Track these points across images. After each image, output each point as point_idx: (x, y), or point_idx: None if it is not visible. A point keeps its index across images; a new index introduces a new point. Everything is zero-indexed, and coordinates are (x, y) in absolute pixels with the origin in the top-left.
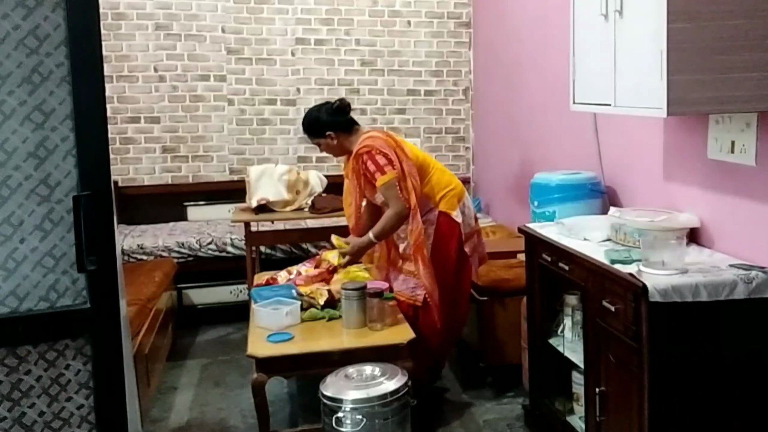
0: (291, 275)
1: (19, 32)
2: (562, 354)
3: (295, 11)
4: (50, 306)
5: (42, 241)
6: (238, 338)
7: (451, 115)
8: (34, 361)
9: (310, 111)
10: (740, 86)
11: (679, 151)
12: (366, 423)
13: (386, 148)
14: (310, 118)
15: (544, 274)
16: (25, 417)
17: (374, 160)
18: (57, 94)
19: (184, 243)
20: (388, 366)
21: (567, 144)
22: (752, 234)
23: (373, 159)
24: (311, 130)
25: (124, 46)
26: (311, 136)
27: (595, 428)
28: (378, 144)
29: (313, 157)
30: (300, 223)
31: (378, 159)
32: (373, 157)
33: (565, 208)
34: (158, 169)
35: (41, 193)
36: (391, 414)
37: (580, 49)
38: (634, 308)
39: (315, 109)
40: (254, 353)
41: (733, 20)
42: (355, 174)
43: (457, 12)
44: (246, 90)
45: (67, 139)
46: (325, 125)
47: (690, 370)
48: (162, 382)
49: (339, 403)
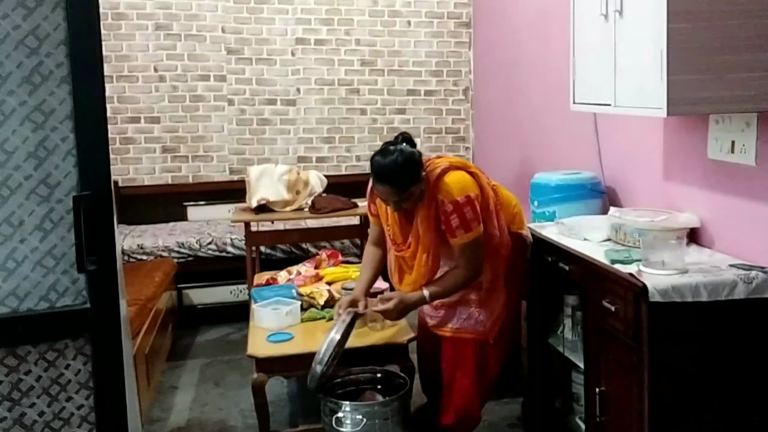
0: (291, 275)
1: (19, 32)
2: (562, 354)
3: (295, 11)
4: (50, 306)
5: (42, 241)
6: (238, 338)
7: (451, 115)
8: (34, 361)
9: (388, 151)
10: (740, 86)
11: (679, 151)
12: (366, 423)
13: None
14: (408, 159)
15: (544, 274)
16: (25, 417)
17: (461, 213)
18: (57, 94)
19: (184, 243)
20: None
21: (567, 144)
22: (752, 234)
23: (460, 211)
24: (408, 175)
25: (124, 46)
26: (407, 184)
27: (595, 428)
28: (470, 189)
29: (313, 157)
30: (300, 223)
31: (466, 212)
32: (461, 208)
33: (565, 208)
34: (158, 169)
35: (41, 193)
36: (391, 414)
37: (580, 49)
38: (634, 308)
39: (393, 149)
40: (254, 353)
41: (733, 20)
42: (429, 220)
43: (457, 12)
44: (246, 90)
45: (67, 139)
46: (420, 164)
47: (690, 370)
48: (162, 382)
49: (338, 404)
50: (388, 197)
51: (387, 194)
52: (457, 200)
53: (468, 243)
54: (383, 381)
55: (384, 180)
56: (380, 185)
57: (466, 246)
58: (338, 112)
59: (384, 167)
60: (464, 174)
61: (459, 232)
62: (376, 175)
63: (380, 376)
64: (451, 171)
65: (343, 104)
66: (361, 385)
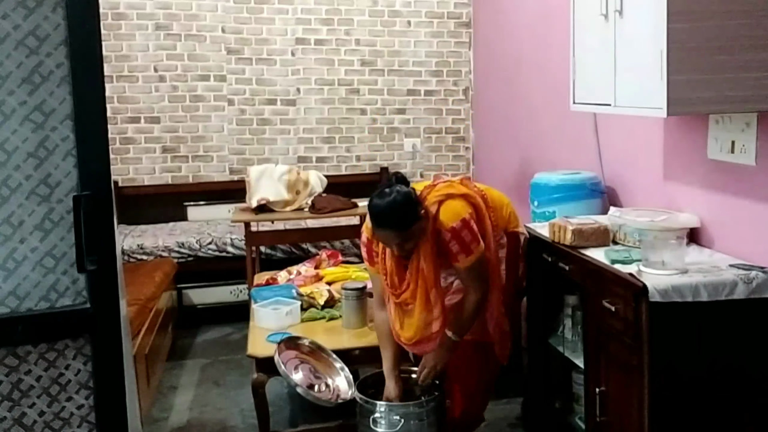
0: (291, 275)
1: (19, 32)
2: (562, 354)
3: (295, 11)
4: (50, 306)
5: (42, 241)
6: (238, 338)
7: (451, 115)
8: (34, 361)
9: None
10: (740, 86)
11: (679, 151)
12: (402, 423)
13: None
14: (405, 199)
15: (544, 274)
16: (26, 417)
17: (459, 238)
18: (57, 94)
19: (184, 243)
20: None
21: (567, 144)
22: (752, 234)
23: (458, 236)
24: (408, 215)
25: (124, 46)
26: (409, 224)
27: (595, 428)
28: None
29: (313, 157)
30: (300, 223)
31: (464, 235)
32: (458, 233)
33: (565, 208)
34: (158, 169)
35: (41, 193)
36: (426, 414)
37: (580, 49)
38: (634, 308)
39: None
40: (254, 353)
41: (733, 20)
42: (430, 251)
43: (457, 12)
44: (246, 90)
45: (67, 139)
46: (417, 202)
47: (690, 370)
48: (162, 382)
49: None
50: (391, 240)
51: (389, 238)
52: (454, 227)
53: (471, 266)
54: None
55: (385, 224)
56: (381, 230)
57: (470, 269)
58: (338, 112)
59: (384, 210)
60: (454, 200)
61: (461, 257)
62: (376, 220)
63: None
64: (444, 203)
65: (343, 104)
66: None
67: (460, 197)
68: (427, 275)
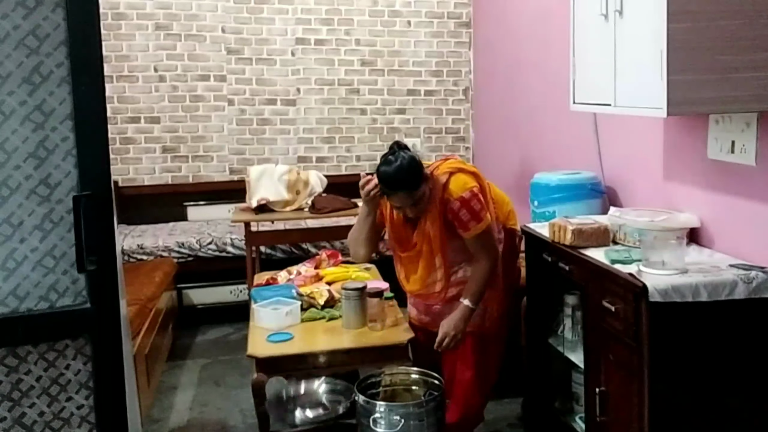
0: (291, 275)
1: (19, 32)
2: (562, 354)
3: (295, 11)
4: (50, 306)
5: (42, 241)
6: (238, 338)
7: (451, 115)
8: (34, 361)
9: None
10: (740, 86)
11: (679, 151)
12: (402, 423)
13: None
14: (411, 162)
15: (544, 274)
16: (25, 417)
17: (469, 207)
18: (57, 94)
19: (184, 243)
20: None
21: (567, 144)
22: (752, 234)
23: (468, 205)
24: (416, 175)
25: (124, 46)
26: (418, 183)
27: (595, 428)
28: (471, 184)
29: (313, 157)
30: (300, 223)
31: (473, 205)
32: (468, 203)
33: (565, 208)
34: (158, 169)
35: (41, 193)
36: (426, 415)
37: (580, 49)
38: (634, 308)
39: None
40: (254, 353)
41: (733, 20)
42: (437, 219)
43: (457, 12)
44: (246, 90)
45: (67, 139)
46: (421, 164)
47: (690, 370)
48: (162, 382)
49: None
50: (404, 203)
51: (402, 200)
52: (463, 196)
53: (481, 233)
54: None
55: (396, 186)
56: (393, 193)
57: (479, 236)
58: (338, 112)
59: (393, 174)
60: (464, 174)
61: (472, 224)
62: (387, 184)
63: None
64: (454, 174)
65: (343, 104)
66: (396, 386)
67: (469, 173)
68: (433, 239)
